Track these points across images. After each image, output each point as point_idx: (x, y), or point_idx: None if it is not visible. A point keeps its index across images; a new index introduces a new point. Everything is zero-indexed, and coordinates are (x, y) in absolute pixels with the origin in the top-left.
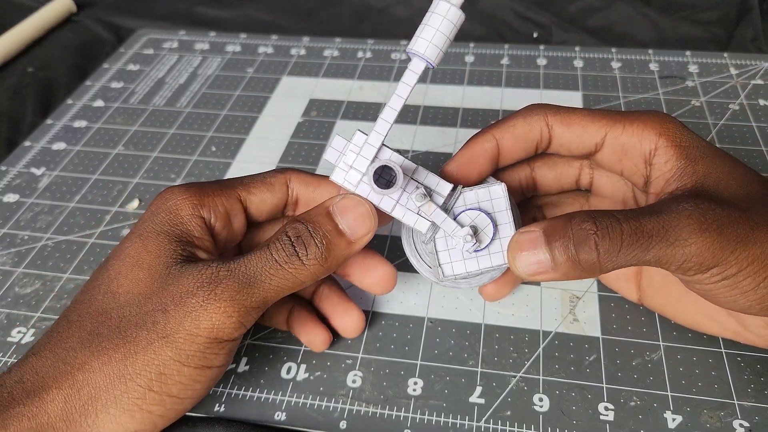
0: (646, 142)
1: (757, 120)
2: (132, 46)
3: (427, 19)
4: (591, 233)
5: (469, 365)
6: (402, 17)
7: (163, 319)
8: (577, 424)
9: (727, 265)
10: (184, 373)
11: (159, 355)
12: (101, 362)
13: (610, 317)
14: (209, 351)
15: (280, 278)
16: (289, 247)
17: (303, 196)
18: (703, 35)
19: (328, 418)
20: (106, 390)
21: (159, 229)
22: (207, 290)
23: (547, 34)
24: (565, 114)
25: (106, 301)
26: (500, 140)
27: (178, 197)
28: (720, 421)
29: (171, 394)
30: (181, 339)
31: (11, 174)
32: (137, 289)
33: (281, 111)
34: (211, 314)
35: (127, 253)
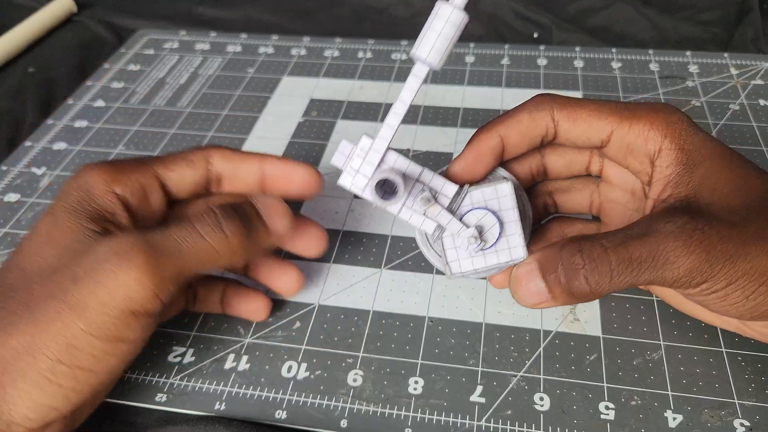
0: (651, 142)
1: (758, 120)
2: (132, 47)
3: (429, 23)
4: (579, 267)
5: (470, 364)
6: (402, 17)
7: (74, 288)
8: (578, 423)
9: (716, 280)
10: (95, 345)
11: (68, 326)
12: (7, 334)
13: (611, 316)
14: (122, 323)
15: (198, 249)
16: (214, 219)
17: (226, 172)
18: (703, 35)
19: (328, 417)
20: (14, 363)
21: (71, 206)
22: (119, 258)
23: (547, 35)
24: (572, 108)
25: (14, 277)
26: (505, 137)
27: (89, 174)
28: (721, 420)
29: (82, 367)
30: (92, 309)
31: (12, 174)
32: (47, 263)
33: (282, 111)
34: (123, 282)
35: (37, 231)
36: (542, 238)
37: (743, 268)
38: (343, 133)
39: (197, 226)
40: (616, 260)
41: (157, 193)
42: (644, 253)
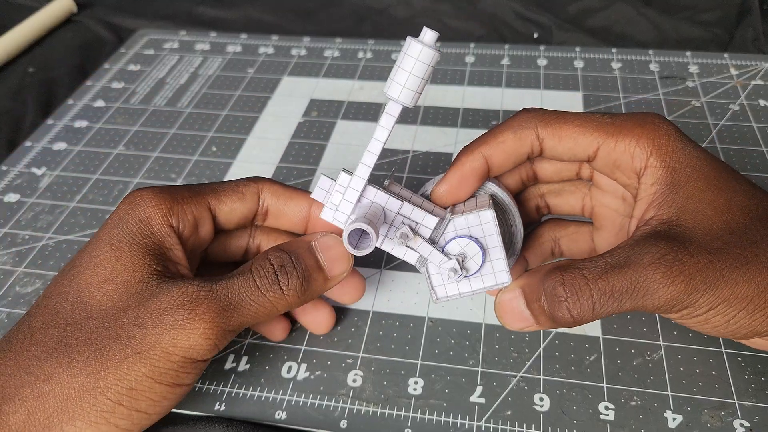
0: (637, 159)
1: (758, 120)
2: (133, 47)
3: (400, 61)
4: (562, 300)
5: (470, 365)
6: (402, 18)
7: (140, 334)
8: (578, 423)
9: (696, 307)
10: (155, 389)
11: (132, 371)
12: (70, 374)
13: (611, 317)
14: (182, 370)
15: (259, 305)
16: (272, 275)
17: (273, 207)
18: (703, 36)
19: (328, 418)
20: (74, 402)
21: (131, 239)
22: (187, 309)
23: (547, 35)
24: (557, 125)
25: (76, 311)
26: (489, 158)
27: (148, 204)
28: (720, 421)
29: (140, 410)
30: (155, 356)
31: (12, 174)
32: (111, 302)
33: (282, 111)
34: (189, 334)
35: (98, 263)
36: (536, 241)
37: (723, 295)
38: (343, 134)
39: (257, 281)
40: (598, 292)
41: (208, 225)
42: (625, 284)
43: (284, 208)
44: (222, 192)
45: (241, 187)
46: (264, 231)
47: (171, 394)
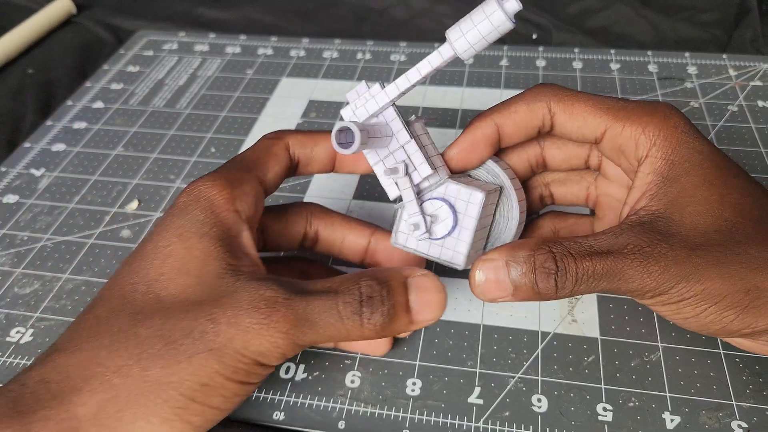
0: (641, 147)
1: (756, 121)
2: (132, 48)
3: (474, 11)
4: (552, 272)
5: (468, 366)
6: (401, 19)
7: (213, 331)
8: (576, 424)
9: (670, 295)
10: (227, 386)
11: (205, 367)
12: (141, 367)
13: (609, 318)
14: (251, 370)
15: (335, 330)
16: (357, 305)
17: (303, 156)
18: (702, 36)
19: (326, 418)
20: (146, 397)
21: (199, 230)
22: (263, 314)
23: (546, 36)
24: (570, 102)
25: (147, 302)
26: (501, 126)
27: (210, 192)
28: (718, 422)
29: (212, 406)
30: (228, 355)
31: (11, 175)
32: (184, 295)
33: (281, 112)
34: (261, 340)
35: (168, 254)
36: (534, 232)
37: (695, 289)
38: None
39: (339, 306)
40: (581, 271)
41: (262, 200)
42: (605, 268)
43: (312, 153)
44: (262, 161)
45: (273, 148)
46: (320, 217)
47: (241, 390)
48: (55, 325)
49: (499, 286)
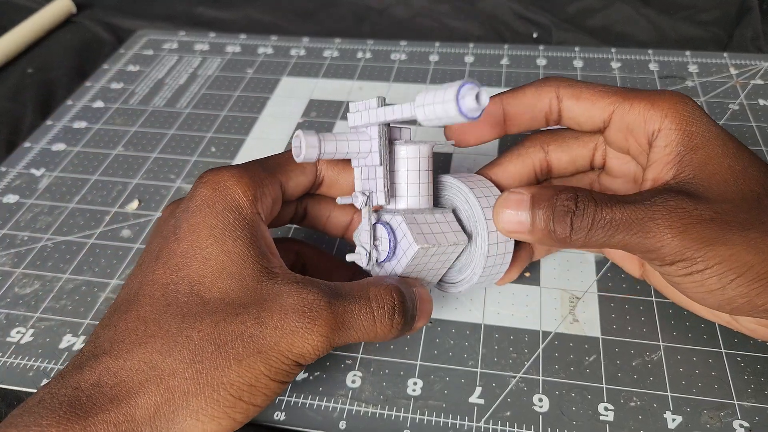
0: (650, 122)
1: (757, 120)
2: (132, 47)
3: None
4: (570, 211)
5: (469, 365)
6: (402, 18)
7: (260, 334)
8: (577, 424)
9: (692, 260)
10: (270, 386)
11: (253, 369)
12: (195, 370)
13: (610, 317)
14: (291, 371)
15: (367, 331)
16: (390, 309)
17: (328, 178)
18: (702, 35)
19: (327, 419)
20: (198, 397)
21: (232, 231)
22: (308, 318)
23: (546, 35)
24: (578, 88)
25: (192, 304)
26: (507, 106)
27: (235, 190)
28: (720, 422)
29: (256, 404)
30: (274, 357)
31: (11, 175)
32: (229, 298)
33: (281, 111)
34: (305, 342)
35: (206, 256)
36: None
37: (722, 254)
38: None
39: (375, 311)
40: (599, 215)
41: (279, 203)
42: (625, 216)
43: (338, 177)
44: (287, 167)
45: None
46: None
47: (279, 389)
48: (56, 326)
49: (519, 219)
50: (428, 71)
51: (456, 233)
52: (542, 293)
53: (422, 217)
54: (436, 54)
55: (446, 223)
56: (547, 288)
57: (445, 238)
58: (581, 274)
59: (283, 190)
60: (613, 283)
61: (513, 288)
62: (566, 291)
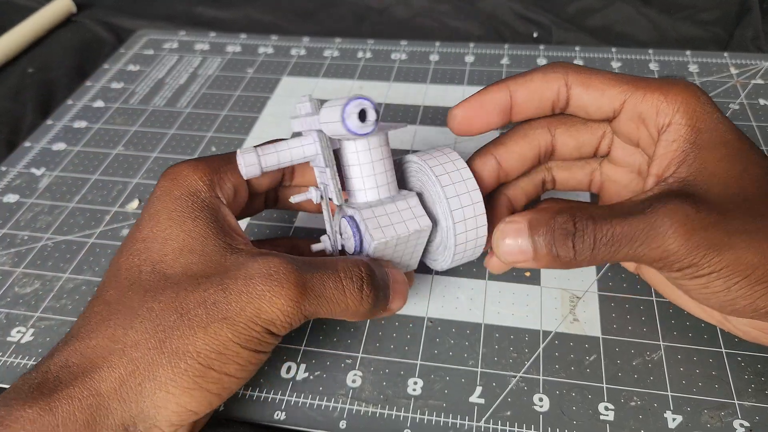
0: (662, 114)
1: (758, 119)
2: (132, 47)
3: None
4: (569, 233)
5: (469, 365)
6: (402, 18)
7: (225, 300)
8: (578, 424)
9: (698, 267)
10: (241, 354)
11: (219, 335)
12: (158, 339)
13: (611, 317)
14: (263, 339)
15: (337, 301)
16: (359, 280)
17: (299, 167)
18: (703, 35)
19: (327, 418)
20: (165, 368)
21: (191, 213)
22: (275, 281)
23: (547, 34)
24: (587, 75)
25: (154, 280)
26: (514, 93)
27: (191, 177)
28: (720, 421)
29: (229, 373)
30: (241, 323)
31: (11, 174)
32: (192, 271)
33: (281, 111)
34: (272, 307)
35: (167, 236)
36: None
37: (727, 258)
38: None
39: (344, 281)
40: (600, 233)
41: (244, 191)
42: (626, 231)
43: (308, 166)
44: None
45: None
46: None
47: (254, 358)
48: (56, 325)
49: (521, 248)
50: (428, 71)
51: (419, 218)
52: (542, 293)
53: (382, 208)
54: (436, 54)
55: (408, 209)
56: (547, 287)
57: (406, 226)
58: (581, 274)
59: None
60: (613, 283)
61: (513, 288)
62: (566, 291)
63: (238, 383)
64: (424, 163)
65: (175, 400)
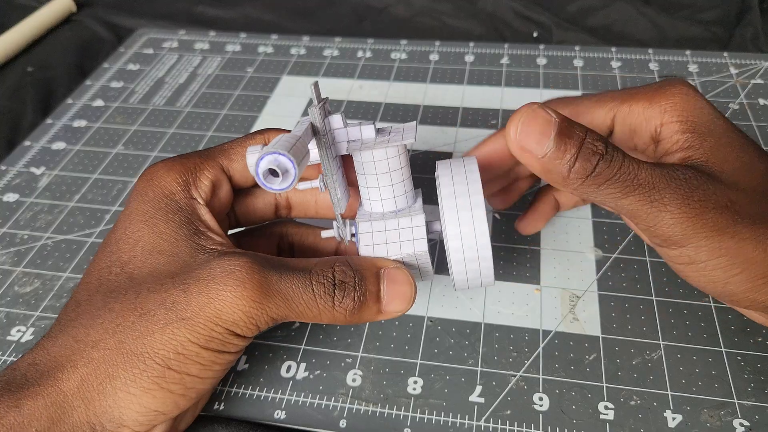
0: (651, 120)
1: (757, 119)
2: (132, 46)
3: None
4: (598, 153)
5: (469, 364)
6: (402, 17)
7: (184, 300)
8: (577, 423)
9: (697, 249)
10: (202, 355)
11: (177, 336)
12: (117, 340)
13: (610, 316)
14: (226, 340)
15: (307, 307)
16: (330, 286)
17: (295, 198)
18: (702, 34)
19: (327, 417)
20: (124, 368)
21: (163, 215)
22: (237, 283)
23: (547, 34)
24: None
25: (120, 281)
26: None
27: (164, 178)
28: (720, 420)
29: (190, 374)
30: (200, 324)
31: (11, 173)
32: (158, 272)
33: (281, 110)
34: (233, 308)
35: (138, 238)
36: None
37: (728, 245)
38: None
39: (313, 285)
40: (626, 168)
41: (226, 186)
42: (647, 179)
43: (304, 197)
44: (231, 150)
45: (249, 142)
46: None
47: (220, 359)
48: None
49: (539, 138)
50: (428, 70)
51: (416, 241)
52: (542, 292)
53: (381, 224)
54: (436, 53)
55: (410, 229)
56: (547, 287)
57: (399, 248)
58: (581, 273)
59: (229, 172)
60: (613, 282)
61: (513, 287)
62: (566, 290)
63: (204, 383)
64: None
65: (136, 401)
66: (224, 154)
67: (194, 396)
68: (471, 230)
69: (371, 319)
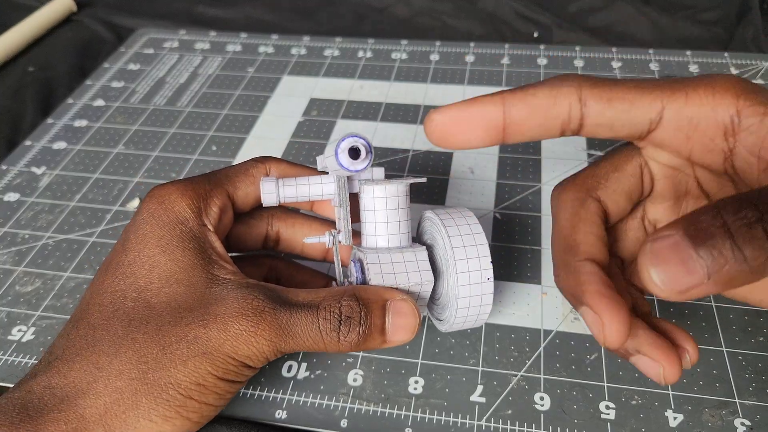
0: (721, 108)
1: None
2: (132, 46)
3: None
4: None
5: (470, 364)
6: (402, 17)
7: (204, 336)
8: (578, 422)
9: None
10: (219, 385)
11: (198, 369)
12: (141, 371)
13: None
14: (239, 371)
15: (313, 341)
16: (336, 322)
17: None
18: (703, 35)
19: (329, 417)
20: (148, 398)
21: (180, 242)
22: (251, 322)
23: (547, 34)
24: (606, 87)
25: (138, 308)
26: (510, 107)
27: (179, 204)
28: (721, 420)
29: (208, 403)
30: (219, 359)
31: (12, 173)
32: (176, 303)
33: (282, 110)
34: (249, 346)
35: (154, 264)
36: None
37: None
38: (342, 133)
39: (319, 321)
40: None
41: (229, 213)
42: None
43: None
44: (235, 178)
45: (251, 170)
46: (281, 218)
47: (232, 388)
48: (57, 324)
49: (688, 269)
50: (429, 70)
51: (422, 272)
52: (543, 292)
53: (388, 256)
54: (436, 53)
55: (414, 262)
56: (548, 286)
57: (407, 278)
58: None
59: (233, 200)
60: None
61: (514, 287)
62: None
63: (216, 410)
64: (438, 219)
65: (156, 428)
66: (229, 180)
67: (204, 422)
68: (478, 278)
69: (376, 348)
